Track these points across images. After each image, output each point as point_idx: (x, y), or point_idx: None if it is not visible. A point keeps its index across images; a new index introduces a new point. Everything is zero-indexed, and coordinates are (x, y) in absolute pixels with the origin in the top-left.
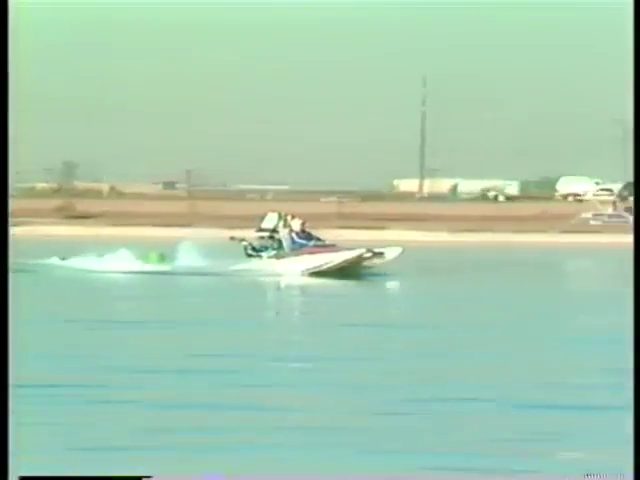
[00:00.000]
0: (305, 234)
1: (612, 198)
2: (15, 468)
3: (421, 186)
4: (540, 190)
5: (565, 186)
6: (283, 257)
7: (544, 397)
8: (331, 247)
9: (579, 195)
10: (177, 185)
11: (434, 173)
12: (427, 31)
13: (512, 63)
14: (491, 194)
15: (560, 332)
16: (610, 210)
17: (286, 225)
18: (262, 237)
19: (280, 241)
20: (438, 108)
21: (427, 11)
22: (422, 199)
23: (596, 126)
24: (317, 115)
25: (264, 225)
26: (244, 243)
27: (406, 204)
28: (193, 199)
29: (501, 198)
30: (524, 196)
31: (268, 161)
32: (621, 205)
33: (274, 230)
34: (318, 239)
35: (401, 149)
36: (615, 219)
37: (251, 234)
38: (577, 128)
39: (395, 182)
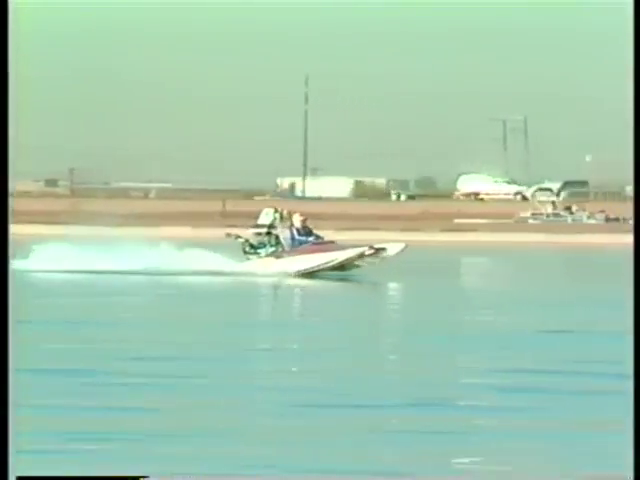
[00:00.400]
0: (305, 230)
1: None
2: (15, 468)
3: (304, 184)
4: (423, 189)
5: (465, 184)
6: (282, 256)
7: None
8: (330, 244)
9: (479, 194)
10: (59, 183)
11: (317, 172)
12: (312, 30)
13: (403, 64)
14: (394, 192)
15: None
16: (550, 209)
17: (283, 220)
18: (259, 234)
19: (277, 237)
20: (323, 107)
21: (313, 11)
22: (306, 198)
23: (479, 126)
24: (202, 114)
25: (261, 221)
26: (241, 240)
27: (290, 202)
28: (75, 197)
29: (403, 197)
30: (424, 195)
31: (151, 159)
32: (560, 205)
33: (271, 226)
34: (317, 236)
35: (286, 147)
36: (554, 218)
37: (134, 232)
38: (460, 128)
39: (278, 181)
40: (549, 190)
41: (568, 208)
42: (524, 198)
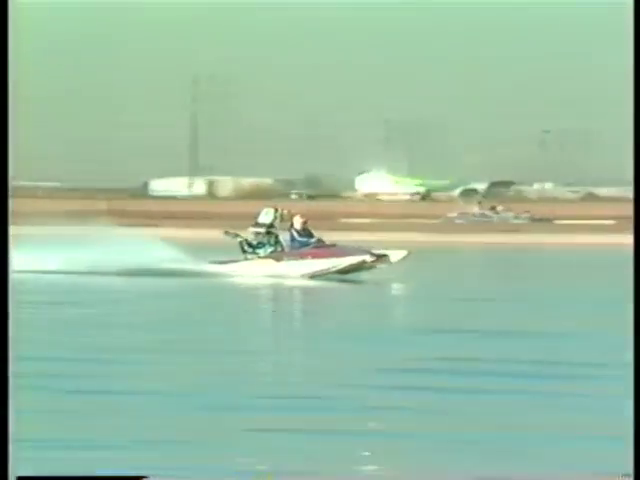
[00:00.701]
0: (306, 232)
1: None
2: (15, 468)
3: (191, 184)
4: (312, 189)
5: (364, 184)
6: (282, 258)
7: None
8: (332, 248)
9: (377, 194)
10: None
11: (207, 172)
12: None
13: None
14: (294, 192)
15: None
16: (476, 209)
17: (283, 221)
18: (258, 233)
19: (277, 237)
20: (212, 108)
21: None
22: (197, 197)
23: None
24: (85, 113)
25: (260, 220)
26: (239, 239)
27: (179, 202)
28: None
29: (304, 196)
30: (324, 195)
31: (39, 158)
32: (486, 205)
33: (271, 225)
34: (319, 239)
35: (175, 147)
36: (479, 218)
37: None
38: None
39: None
40: (474, 190)
41: (493, 208)
42: (423, 198)
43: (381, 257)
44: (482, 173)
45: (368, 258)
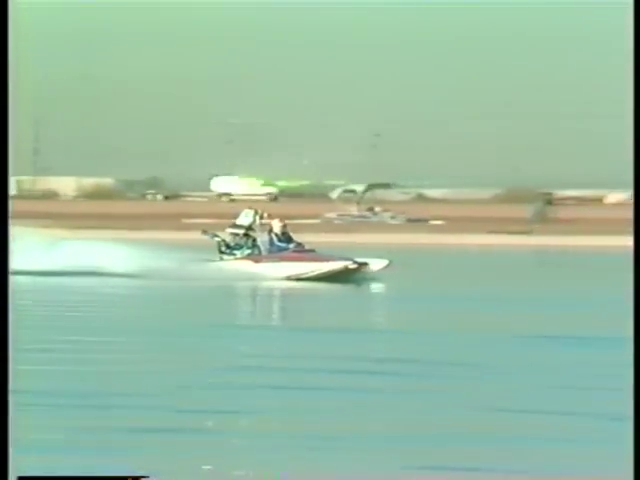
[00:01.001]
0: (285, 236)
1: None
2: (15, 468)
3: (34, 183)
4: (154, 189)
5: (219, 185)
6: (261, 260)
7: None
8: (311, 252)
9: (231, 194)
10: None
11: (47, 171)
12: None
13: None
14: (149, 192)
15: None
16: (354, 211)
17: (263, 224)
18: (236, 234)
19: (254, 240)
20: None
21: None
22: (40, 197)
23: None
24: None
25: (239, 222)
26: (217, 239)
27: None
28: None
29: (159, 197)
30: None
31: None
32: (364, 206)
33: (249, 228)
34: (298, 243)
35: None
36: (359, 219)
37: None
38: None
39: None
40: (353, 192)
41: (371, 209)
42: (274, 199)
43: (362, 265)
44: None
45: (350, 265)
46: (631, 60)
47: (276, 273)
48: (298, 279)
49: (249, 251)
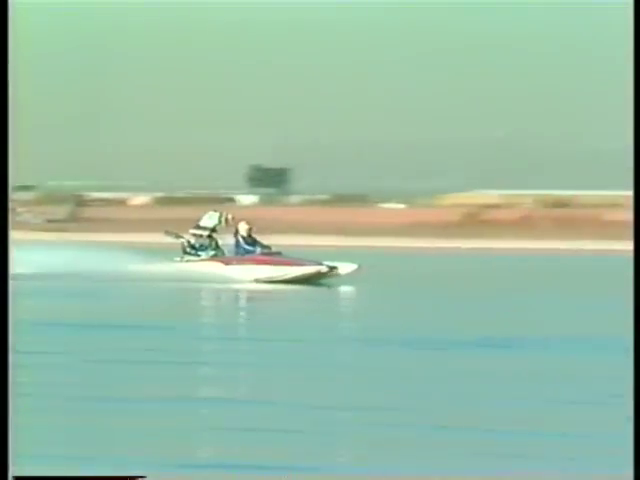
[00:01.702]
0: (251, 239)
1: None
2: (14, 468)
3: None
4: None
5: None
6: (231, 262)
7: None
8: (279, 255)
9: None
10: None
11: None
12: None
13: None
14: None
15: None
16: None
17: (227, 226)
18: (200, 235)
19: (217, 242)
20: None
21: None
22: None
23: None
24: None
25: (203, 223)
26: (182, 240)
27: None
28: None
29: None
30: None
31: None
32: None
33: (213, 230)
34: (264, 246)
35: None
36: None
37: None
38: None
39: None
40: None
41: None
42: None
43: (333, 269)
44: None
45: (323, 269)
46: (630, 60)
47: (247, 275)
48: (269, 282)
49: (213, 252)
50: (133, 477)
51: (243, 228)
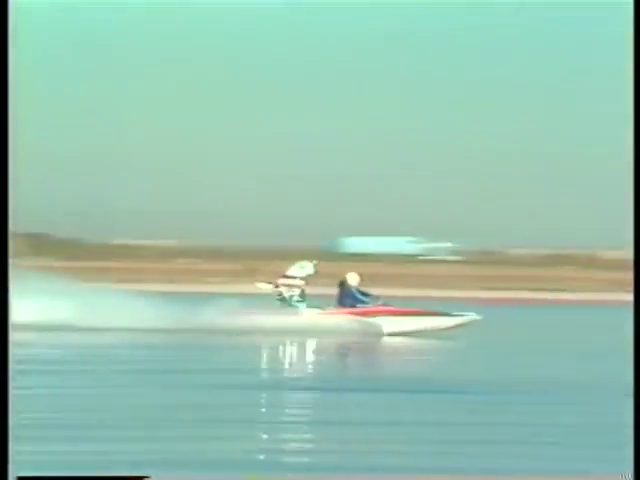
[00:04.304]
0: (360, 290)
1: None
2: (15, 468)
3: None
4: None
5: None
6: (368, 313)
7: None
8: (407, 307)
9: None
10: None
11: None
12: None
13: None
14: None
15: None
16: None
17: (310, 275)
18: (291, 285)
19: (303, 292)
20: None
21: None
22: None
23: None
24: None
25: (294, 273)
26: (290, 293)
27: None
28: None
29: None
30: None
31: None
32: None
33: (304, 279)
34: (376, 297)
35: None
36: None
37: None
38: None
39: None
40: None
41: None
42: None
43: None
44: None
45: (475, 317)
46: (630, 60)
47: (389, 328)
48: (404, 335)
49: (305, 303)
50: (135, 477)
51: (354, 279)
